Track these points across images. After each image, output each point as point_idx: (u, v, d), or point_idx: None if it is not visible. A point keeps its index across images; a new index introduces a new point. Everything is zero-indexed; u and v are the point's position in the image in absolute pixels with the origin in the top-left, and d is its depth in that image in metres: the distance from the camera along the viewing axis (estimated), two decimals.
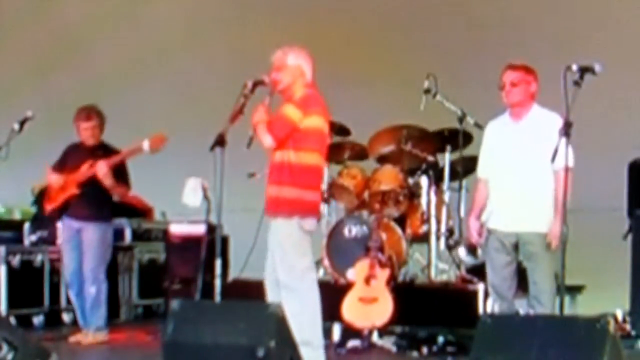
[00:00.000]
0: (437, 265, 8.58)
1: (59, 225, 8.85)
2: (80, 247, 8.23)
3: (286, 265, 6.32)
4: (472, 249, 6.44)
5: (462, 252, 6.56)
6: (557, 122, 6.08)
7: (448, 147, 8.74)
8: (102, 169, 8.05)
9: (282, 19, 11.24)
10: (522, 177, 6.28)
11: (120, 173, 8.22)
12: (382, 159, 9.01)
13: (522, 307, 6.71)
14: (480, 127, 6.91)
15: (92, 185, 8.14)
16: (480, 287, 7.95)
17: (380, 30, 10.95)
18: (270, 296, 6.40)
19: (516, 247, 6.36)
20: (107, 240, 8.34)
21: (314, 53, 6.59)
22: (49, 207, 8.39)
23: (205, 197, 8.47)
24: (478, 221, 6.46)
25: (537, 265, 6.26)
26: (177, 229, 9.52)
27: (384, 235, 8.36)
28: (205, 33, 11.68)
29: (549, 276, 6.27)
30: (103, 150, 8.28)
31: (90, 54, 12.16)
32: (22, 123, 8.12)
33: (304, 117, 6.32)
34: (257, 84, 6.45)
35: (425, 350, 7.66)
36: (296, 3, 11.25)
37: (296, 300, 6.17)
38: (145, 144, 8.01)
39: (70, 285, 8.39)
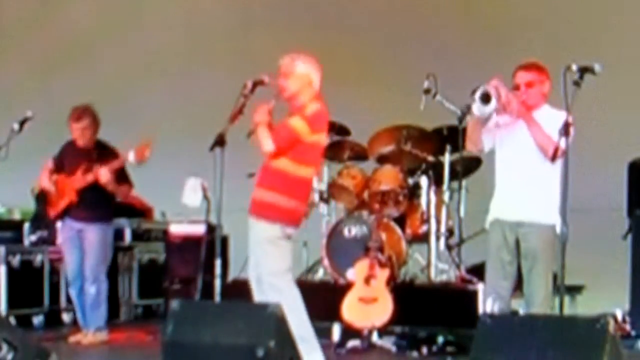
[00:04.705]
0: (436, 266, 8.58)
1: (59, 225, 8.85)
2: (82, 246, 8.24)
3: (267, 265, 6.36)
4: (486, 97, 6.09)
5: (475, 102, 6.08)
6: (561, 119, 6.12)
7: (448, 147, 8.74)
8: (104, 176, 8.04)
9: (282, 21, 11.24)
10: (525, 170, 6.27)
11: (121, 175, 8.21)
12: (382, 159, 9.01)
13: (522, 307, 6.70)
14: None
15: (91, 190, 8.14)
16: (480, 287, 7.95)
17: (380, 30, 10.95)
18: (255, 292, 6.44)
19: (517, 246, 6.34)
20: (108, 241, 8.34)
21: (313, 54, 6.59)
22: (52, 213, 8.41)
23: (205, 197, 8.48)
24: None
25: (535, 263, 6.22)
26: (177, 229, 9.52)
27: (383, 235, 8.37)
28: (207, 36, 11.69)
29: (544, 276, 6.23)
30: (99, 150, 8.24)
31: (92, 56, 12.16)
32: (22, 123, 8.11)
33: (311, 134, 6.36)
34: (256, 84, 6.46)
35: (425, 350, 7.66)
36: (296, 5, 11.25)
37: (279, 299, 6.19)
38: (131, 156, 7.95)
39: (71, 285, 8.39)
